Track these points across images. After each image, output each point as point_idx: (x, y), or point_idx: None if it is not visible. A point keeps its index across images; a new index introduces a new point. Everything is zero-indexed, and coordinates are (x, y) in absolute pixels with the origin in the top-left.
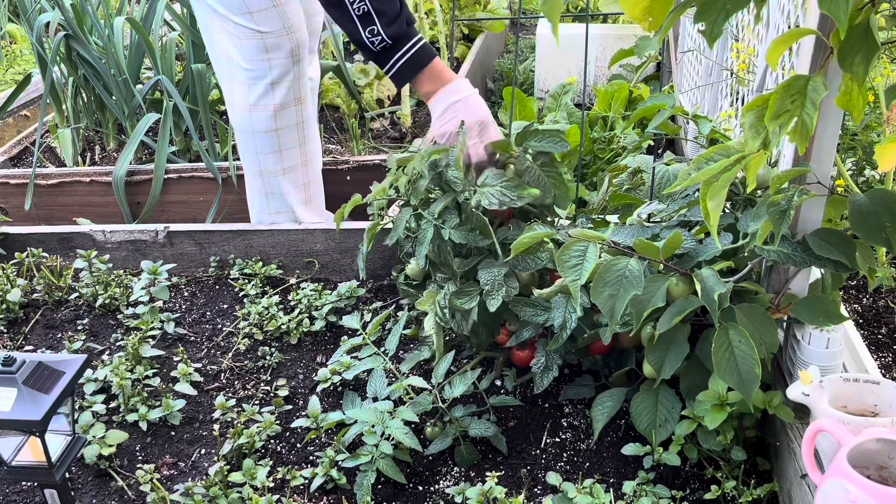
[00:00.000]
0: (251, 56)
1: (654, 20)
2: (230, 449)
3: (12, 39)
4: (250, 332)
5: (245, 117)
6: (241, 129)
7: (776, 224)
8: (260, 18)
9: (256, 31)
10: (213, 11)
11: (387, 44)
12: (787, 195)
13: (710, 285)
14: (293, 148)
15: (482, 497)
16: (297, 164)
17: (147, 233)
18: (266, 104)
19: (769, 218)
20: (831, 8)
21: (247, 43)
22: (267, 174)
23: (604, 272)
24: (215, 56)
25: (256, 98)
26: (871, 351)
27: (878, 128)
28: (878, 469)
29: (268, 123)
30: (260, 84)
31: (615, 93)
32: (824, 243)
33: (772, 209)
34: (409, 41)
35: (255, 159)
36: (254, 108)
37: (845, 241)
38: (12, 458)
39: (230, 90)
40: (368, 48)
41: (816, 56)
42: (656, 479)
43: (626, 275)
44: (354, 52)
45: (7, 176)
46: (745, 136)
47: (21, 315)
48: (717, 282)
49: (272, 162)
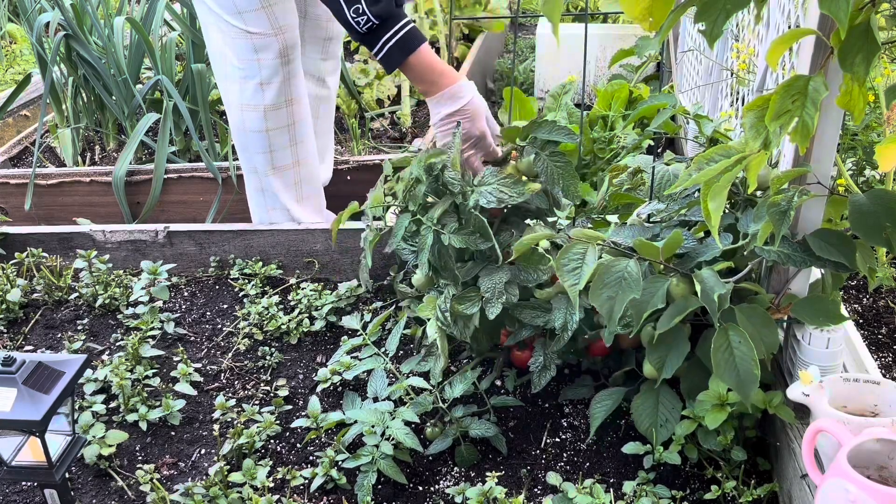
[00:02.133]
0: (242, 55)
1: (654, 20)
2: (230, 449)
3: (12, 39)
4: (250, 332)
5: (238, 116)
6: (235, 128)
7: (776, 225)
8: (249, 18)
9: (246, 31)
10: (209, 10)
11: (373, 24)
12: (788, 196)
13: (709, 286)
14: (284, 149)
15: (482, 497)
16: (289, 164)
17: (147, 233)
18: (257, 104)
19: (769, 219)
20: (832, 8)
21: (238, 42)
22: (259, 172)
23: (603, 274)
24: (213, 54)
25: (248, 97)
26: (871, 351)
27: (879, 128)
28: (878, 469)
29: (258, 123)
30: (250, 83)
31: (615, 93)
32: (824, 244)
33: (772, 210)
34: (396, 23)
35: (248, 157)
36: (245, 107)
37: (845, 242)
38: (12, 458)
39: (225, 89)
40: (354, 29)
41: (816, 56)
42: (656, 479)
43: (624, 276)
44: (354, 52)
45: (7, 176)
46: (746, 137)
47: (21, 315)
48: (717, 282)
49: (262, 161)
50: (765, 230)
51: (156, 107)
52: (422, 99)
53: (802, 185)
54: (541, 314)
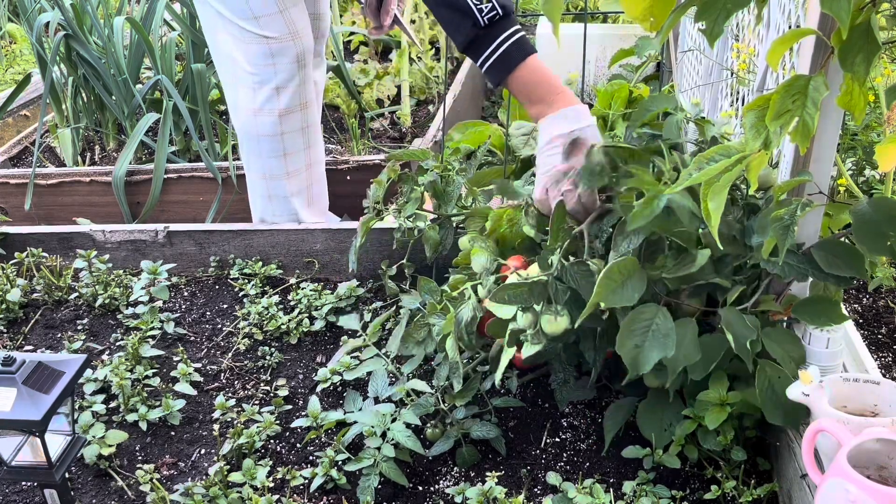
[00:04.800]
0: (256, 60)
1: (655, 20)
2: (230, 449)
3: (12, 39)
4: (250, 332)
5: (250, 121)
6: (246, 133)
7: (781, 240)
8: (265, 23)
9: (261, 36)
10: (217, 14)
11: (497, 14)
12: (790, 210)
13: (739, 333)
14: (298, 152)
15: (482, 497)
16: (302, 168)
17: (147, 233)
18: (271, 109)
19: (773, 234)
20: (833, 7)
21: (252, 47)
22: (270, 178)
23: (630, 322)
24: (219, 59)
25: (261, 102)
26: (871, 351)
27: (879, 128)
28: (878, 469)
29: (273, 128)
30: (265, 88)
31: (615, 92)
32: (831, 257)
33: (776, 224)
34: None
35: (258, 163)
36: (259, 112)
37: (853, 255)
38: (12, 458)
39: (234, 94)
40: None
41: (817, 56)
42: (656, 479)
43: (653, 328)
44: (354, 52)
45: (7, 176)
46: (746, 137)
47: (21, 315)
48: (745, 327)
49: (276, 166)
50: (769, 243)
51: (156, 107)
52: (421, 99)
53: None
54: None
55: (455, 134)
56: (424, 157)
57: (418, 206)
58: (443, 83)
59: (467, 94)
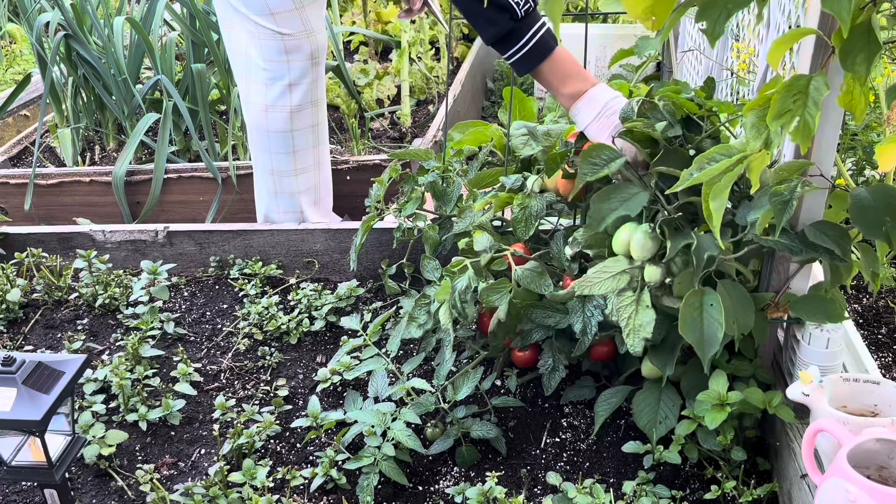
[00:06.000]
0: (270, 57)
1: (656, 19)
2: (230, 449)
3: (12, 39)
4: (250, 332)
5: (261, 116)
6: (256, 128)
7: (778, 214)
8: (281, 20)
9: (277, 33)
10: (234, 10)
11: (531, 5)
12: (791, 186)
13: (704, 244)
14: (307, 149)
15: (482, 497)
16: (310, 166)
17: (147, 233)
18: (283, 105)
19: (771, 207)
20: (834, 7)
21: (267, 43)
22: (278, 173)
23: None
24: (234, 54)
25: (274, 98)
26: (871, 351)
27: (879, 128)
28: (878, 469)
29: (283, 124)
30: (278, 85)
31: None
32: (819, 233)
33: (774, 199)
34: (541, 17)
35: (267, 158)
36: (271, 108)
37: (841, 233)
38: (12, 458)
39: (247, 89)
40: (514, 12)
41: (817, 56)
42: (656, 478)
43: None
44: (354, 52)
45: (7, 176)
46: (747, 136)
47: (21, 315)
48: (712, 246)
49: (285, 162)
50: (764, 218)
51: (156, 107)
52: (421, 99)
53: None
54: (552, 314)
55: (455, 134)
56: (427, 158)
57: (419, 205)
58: (444, 83)
59: (467, 94)
